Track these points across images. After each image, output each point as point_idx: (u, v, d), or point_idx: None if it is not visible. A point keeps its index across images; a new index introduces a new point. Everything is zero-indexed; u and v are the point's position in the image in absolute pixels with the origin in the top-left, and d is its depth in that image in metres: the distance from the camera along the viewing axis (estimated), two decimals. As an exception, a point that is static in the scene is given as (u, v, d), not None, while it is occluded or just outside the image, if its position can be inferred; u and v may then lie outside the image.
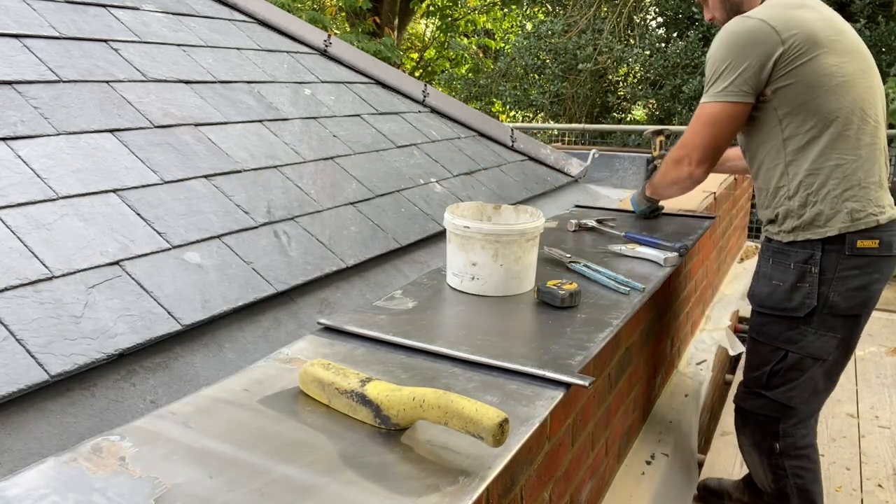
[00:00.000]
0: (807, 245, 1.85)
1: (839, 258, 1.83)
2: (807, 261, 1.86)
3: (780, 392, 1.96)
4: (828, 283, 1.84)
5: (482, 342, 1.26)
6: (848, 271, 1.83)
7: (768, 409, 2.00)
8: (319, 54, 2.82)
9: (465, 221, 1.53)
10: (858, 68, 1.84)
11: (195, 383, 1.20)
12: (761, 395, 2.00)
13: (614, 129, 8.62)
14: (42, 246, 1.27)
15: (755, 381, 2.01)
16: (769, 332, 1.95)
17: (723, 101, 1.83)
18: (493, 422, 0.85)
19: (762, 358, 1.98)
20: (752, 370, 2.03)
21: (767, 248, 1.97)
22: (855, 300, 1.85)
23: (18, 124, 1.54)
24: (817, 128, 1.81)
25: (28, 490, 0.79)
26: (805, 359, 1.91)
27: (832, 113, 1.80)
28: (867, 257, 1.83)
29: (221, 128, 1.95)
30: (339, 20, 12.81)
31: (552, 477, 1.35)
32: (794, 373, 1.93)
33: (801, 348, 1.90)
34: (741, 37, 1.81)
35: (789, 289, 1.88)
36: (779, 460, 2.01)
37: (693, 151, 1.92)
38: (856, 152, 1.81)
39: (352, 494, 0.81)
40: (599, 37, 9.13)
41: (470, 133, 2.93)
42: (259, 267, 1.51)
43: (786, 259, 1.90)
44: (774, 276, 1.92)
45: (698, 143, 1.90)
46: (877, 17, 7.35)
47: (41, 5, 2.01)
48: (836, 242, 1.82)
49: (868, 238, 1.82)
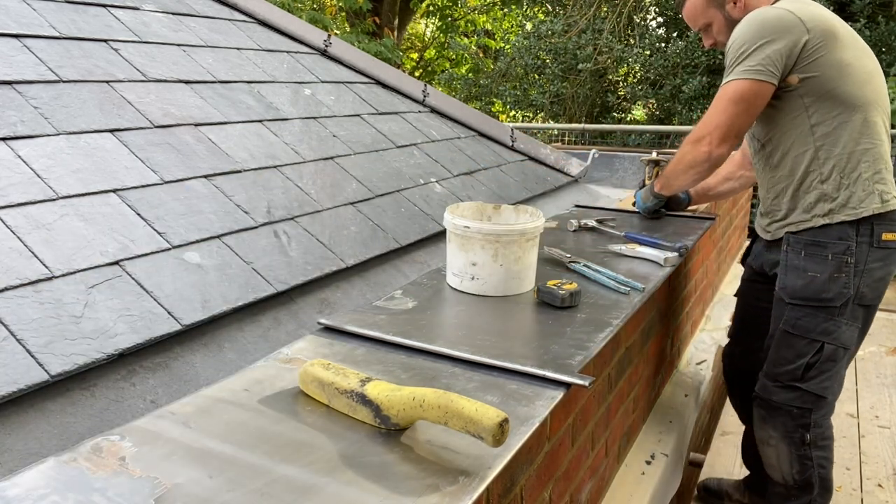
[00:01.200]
0: (843, 235, 1.89)
1: (868, 250, 1.89)
2: (844, 252, 1.89)
3: (815, 383, 1.97)
4: (859, 275, 1.89)
5: (482, 342, 1.26)
6: (874, 263, 1.89)
7: (801, 401, 2.00)
8: (319, 54, 2.82)
9: (465, 221, 1.53)
10: (873, 65, 1.92)
11: (195, 383, 1.20)
12: (795, 388, 2.00)
13: (614, 129, 8.62)
14: (42, 246, 1.27)
15: (788, 375, 2.01)
16: (806, 325, 1.96)
17: (751, 79, 1.83)
18: (493, 422, 0.85)
19: (798, 351, 1.98)
20: (785, 364, 2.01)
21: (797, 241, 1.96)
22: (878, 291, 1.93)
23: (18, 124, 1.54)
24: (845, 113, 1.85)
25: (28, 490, 0.79)
26: (838, 349, 1.95)
27: (857, 99, 1.85)
28: (889, 249, 1.90)
29: (221, 128, 1.95)
30: (339, 20, 12.81)
31: (552, 477, 1.35)
32: (829, 364, 1.96)
33: (836, 339, 1.93)
34: (769, 21, 1.84)
35: (827, 280, 1.91)
36: (808, 451, 2.02)
37: (715, 130, 1.89)
38: (880, 137, 1.90)
39: (352, 494, 0.81)
40: (599, 37, 9.13)
41: (470, 133, 2.93)
42: (259, 267, 1.51)
43: (822, 251, 1.92)
44: (809, 268, 1.94)
45: (722, 121, 1.87)
46: (877, 17, 7.35)
47: (41, 5, 2.01)
48: (866, 235, 1.88)
49: (891, 231, 1.89)
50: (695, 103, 8.35)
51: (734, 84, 1.86)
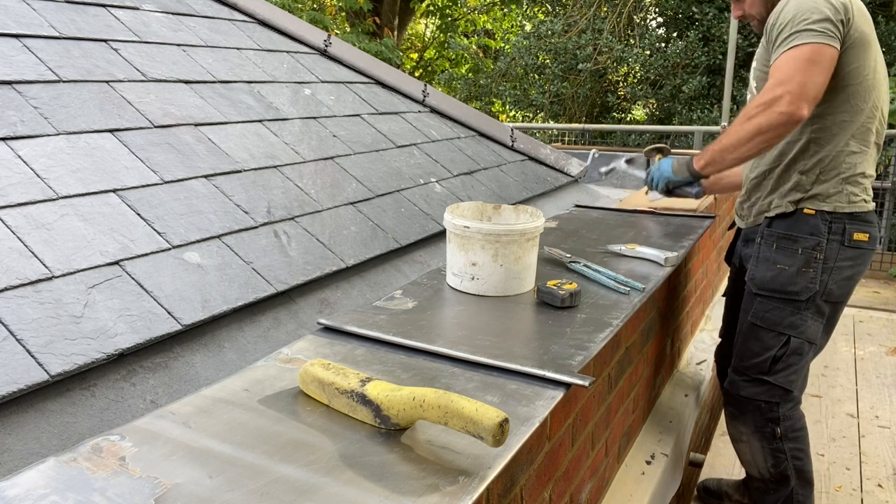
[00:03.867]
0: (815, 231, 1.92)
1: (839, 248, 1.92)
2: (814, 247, 1.93)
3: (782, 376, 2.00)
4: (828, 272, 1.93)
5: (482, 342, 1.26)
6: (844, 261, 1.93)
7: (769, 394, 2.03)
8: (319, 54, 2.82)
9: (464, 221, 1.53)
10: (884, 71, 1.92)
11: (195, 383, 1.20)
12: (763, 382, 2.03)
13: (614, 129, 8.62)
14: (42, 246, 1.27)
15: (756, 368, 2.04)
16: (773, 317, 1.99)
17: (824, 43, 1.74)
18: (493, 422, 0.85)
19: (765, 343, 2.01)
20: (753, 356, 2.04)
21: (770, 234, 2.00)
22: (845, 289, 1.97)
23: (18, 124, 1.54)
24: (847, 114, 1.87)
25: (28, 490, 0.79)
26: (804, 343, 1.99)
27: (864, 102, 1.87)
28: (860, 249, 1.94)
29: (221, 128, 1.95)
30: (339, 20, 12.82)
31: (552, 477, 1.35)
32: (794, 357, 1.99)
33: (802, 333, 1.97)
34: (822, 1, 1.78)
35: (795, 273, 1.94)
36: (780, 444, 2.05)
37: (797, 88, 1.73)
38: (872, 143, 1.92)
39: (352, 494, 0.81)
40: (599, 37, 9.13)
41: (470, 133, 2.93)
42: (259, 267, 1.51)
43: (793, 244, 1.95)
44: (779, 261, 1.97)
45: (803, 80, 1.73)
46: (877, 17, 7.36)
47: (41, 5, 2.01)
48: (837, 233, 1.91)
49: (862, 231, 1.92)
50: (695, 103, 8.36)
51: (809, 47, 1.74)
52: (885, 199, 6.26)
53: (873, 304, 4.93)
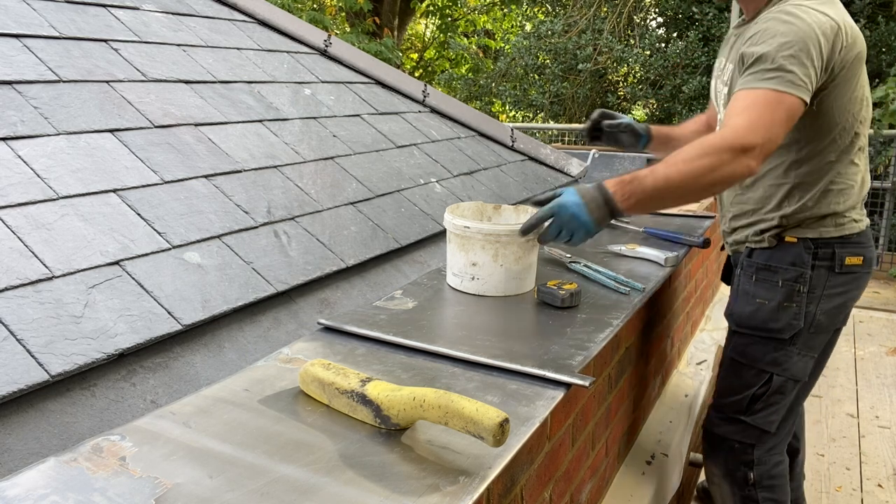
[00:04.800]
0: (797, 260, 1.75)
1: (828, 275, 1.75)
2: (797, 279, 1.76)
3: (761, 417, 1.84)
4: (815, 302, 1.76)
5: (482, 342, 1.26)
6: (834, 289, 1.76)
7: (743, 434, 1.88)
8: (319, 54, 2.82)
9: (465, 221, 1.53)
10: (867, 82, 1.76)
11: (195, 383, 1.20)
12: (739, 421, 1.88)
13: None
14: (42, 246, 1.27)
15: (733, 406, 1.88)
16: (753, 353, 1.83)
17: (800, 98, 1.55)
18: (493, 422, 0.85)
19: (744, 381, 1.85)
20: (731, 394, 1.89)
21: (749, 265, 1.84)
22: (837, 317, 1.80)
23: (18, 124, 1.54)
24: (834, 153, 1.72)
25: (28, 490, 0.79)
26: (788, 381, 1.81)
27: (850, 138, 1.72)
28: (852, 274, 1.77)
29: (221, 128, 1.95)
30: (339, 20, 12.82)
31: (552, 477, 1.35)
32: (777, 396, 1.82)
33: (786, 370, 1.80)
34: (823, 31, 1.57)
35: (776, 308, 1.77)
36: (752, 492, 1.90)
37: (766, 144, 1.53)
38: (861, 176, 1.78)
39: (352, 494, 0.81)
40: (599, 37, 9.13)
41: (470, 133, 2.93)
42: (259, 267, 1.51)
43: (772, 276, 1.78)
44: (759, 295, 1.80)
45: (773, 136, 1.54)
46: (877, 17, 7.35)
47: (41, 5, 2.01)
48: (825, 259, 1.75)
49: (854, 255, 1.76)
50: (695, 103, 8.35)
51: (786, 98, 1.54)
52: (885, 199, 6.26)
53: (873, 304, 4.94)
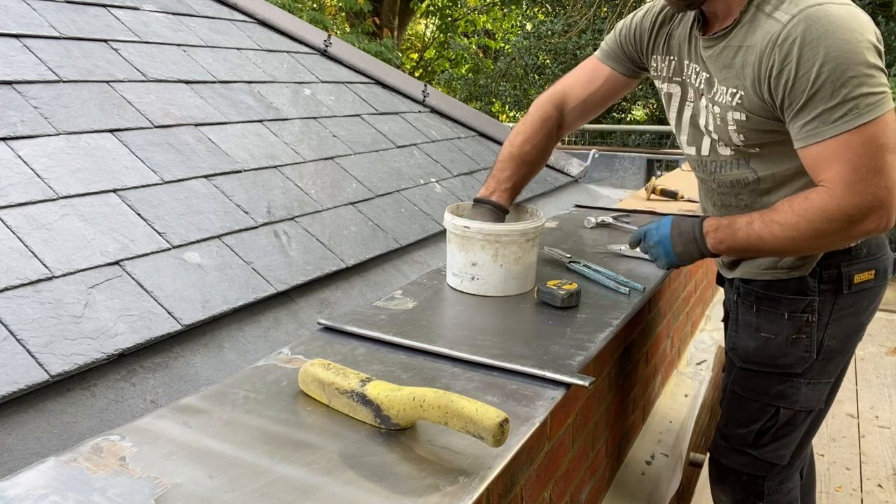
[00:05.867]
0: (801, 288, 1.55)
1: (835, 298, 1.55)
2: (804, 309, 1.56)
3: (769, 451, 1.71)
4: (823, 328, 1.57)
5: (482, 342, 1.26)
6: (843, 310, 1.57)
7: (753, 467, 1.74)
8: (319, 54, 2.82)
9: (465, 221, 1.53)
10: None
11: (195, 383, 1.20)
12: (746, 454, 1.74)
13: (614, 129, 8.62)
14: (42, 246, 1.27)
15: (739, 439, 1.74)
16: (756, 387, 1.67)
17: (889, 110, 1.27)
18: (493, 422, 0.85)
19: (749, 415, 1.71)
20: (736, 427, 1.74)
21: (748, 293, 1.64)
22: (850, 339, 1.61)
23: (18, 124, 1.54)
24: None
25: (28, 490, 0.79)
26: (798, 413, 1.65)
27: None
28: (864, 291, 1.58)
29: (221, 128, 1.95)
30: (339, 20, 12.82)
31: (552, 477, 1.35)
32: (785, 429, 1.67)
33: (794, 403, 1.64)
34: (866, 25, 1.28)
35: (784, 342, 1.59)
36: None
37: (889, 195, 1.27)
38: None
39: (352, 494, 0.81)
40: (599, 37, 9.13)
41: (470, 133, 2.93)
42: (259, 267, 1.51)
43: (776, 307, 1.59)
44: (763, 328, 1.62)
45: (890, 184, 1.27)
46: (877, 17, 7.36)
47: (41, 5, 2.01)
48: (831, 281, 1.54)
49: (864, 270, 1.55)
50: (695, 103, 8.34)
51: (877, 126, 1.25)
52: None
53: (873, 305, 4.92)
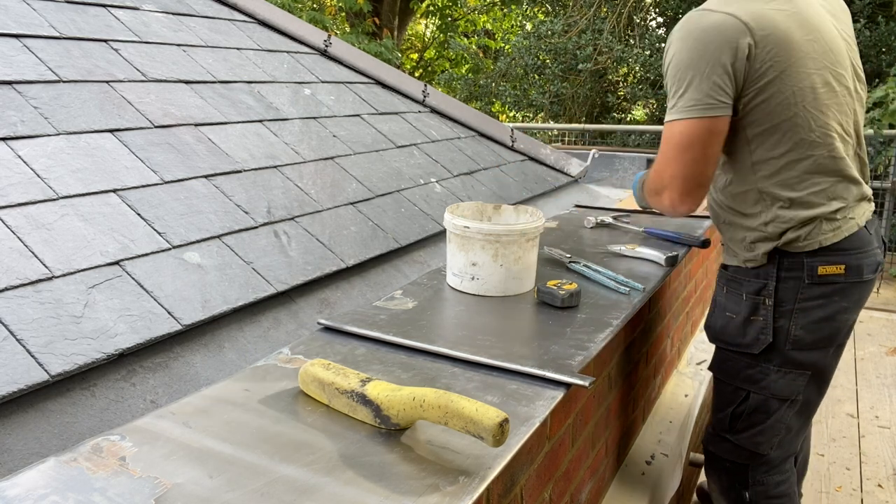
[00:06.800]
0: (760, 273, 1.63)
1: (798, 286, 1.60)
2: (759, 291, 1.63)
3: (746, 437, 1.74)
4: (787, 316, 1.62)
5: (482, 342, 1.26)
6: (810, 301, 1.60)
7: (735, 454, 1.79)
8: (319, 54, 2.82)
9: (465, 221, 1.53)
10: (839, 72, 1.59)
11: (195, 383, 1.20)
12: (727, 440, 1.79)
13: (614, 129, 8.63)
14: (42, 246, 1.27)
15: (720, 424, 1.80)
16: (728, 369, 1.74)
17: (696, 118, 1.51)
18: (493, 422, 0.85)
19: (725, 399, 1.77)
20: (717, 411, 1.81)
21: (722, 276, 1.76)
22: (821, 333, 1.63)
23: (18, 124, 1.54)
24: (794, 152, 1.56)
25: (28, 490, 0.79)
26: (770, 400, 1.69)
27: (814, 132, 1.55)
28: (832, 285, 1.60)
29: (221, 128, 1.95)
30: (339, 20, 12.83)
31: (552, 477, 1.35)
32: (758, 416, 1.71)
33: (764, 389, 1.68)
34: (707, 33, 1.49)
35: (742, 322, 1.67)
36: None
37: (672, 182, 1.58)
38: (842, 173, 1.60)
39: (352, 494, 0.81)
40: (599, 37, 9.14)
41: (470, 133, 2.93)
42: (259, 267, 1.51)
43: (738, 288, 1.68)
44: (728, 307, 1.71)
45: (676, 172, 1.57)
46: (877, 17, 7.35)
47: (41, 5, 2.01)
48: (795, 269, 1.60)
49: (832, 263, 1.58)
50: (695, 103, 8.34)
51: (679, 125, 1.53)
52: (885, 199, 6.25)
53: (873, 304, 4.94)
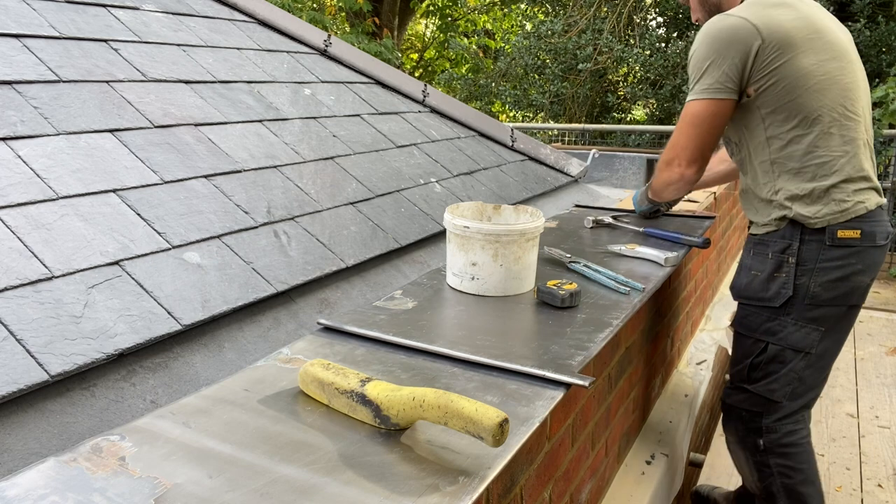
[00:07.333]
0: (786, 235, 1.88)
1: (820, 248, 1.84)
2: (784, 250, 1.88)
3: (762, 385, 1.96)
4: (808, 274, 1.86)
5: (482, 342, 1.26)
6: (829, 262, 1.84)
7: (750, 403, 2.00)
8: (319, 54, 2.82)
9: (464, 221, 1.53)
10: (838, 65, 1.85)
11: (195, 383, 1.20)
12: (744, 390, 2.01)
13: (614, 129, 8.62)
14: (42, 246, 1.27)
15: (738, 375, 2.02)
16: (749, 323, 1.97)
17: (706, 99, 1.85)
18: (493, 422, 0.85)
19: (744, 350, 1.99)
20: (736, 364, 2.04)
21: (749, 241, 2.01)
22: (837, 291, 1.86)
23: (18, 124, 1.54)
24: (800, 127, 1.83)
25: (28, 490, 0.79)
26: (785, 350, 1.91)
27: (813, 112, 1.82)
28: (849, 248, 1.84)
29: (221, 128, 1.95)
30: (339, 20, 12.82)
31: (552, 477, 1.35)
32: (774, 365, 1.94)
33: (782, 339, 1.91)
34: (723, 33, 1.83)
35: (766, 279, 1.91)
36: (763, 457, 1.99)
37: (682, 152, 1.92)
38: (842, 148, 1.83)
39: (352, 494, 0.81)
40: (599, 37, 9.13)
41: (470, 133, 2.93)
42: (259, 267, 1.51)
43: (764, 249, 1.93)
44: (753, 267, 1.95)
45: (685, 143, 1.91)
46: (877, 17, 7.35)
47: (41, 5, 2.01)
48: (817, 233, 1.84)
49: (849, 228, 1.83)
50: (695, 103, 8.33)
51: (692, 106, 1.88)
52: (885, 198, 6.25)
53: (873, 304, 4.94)
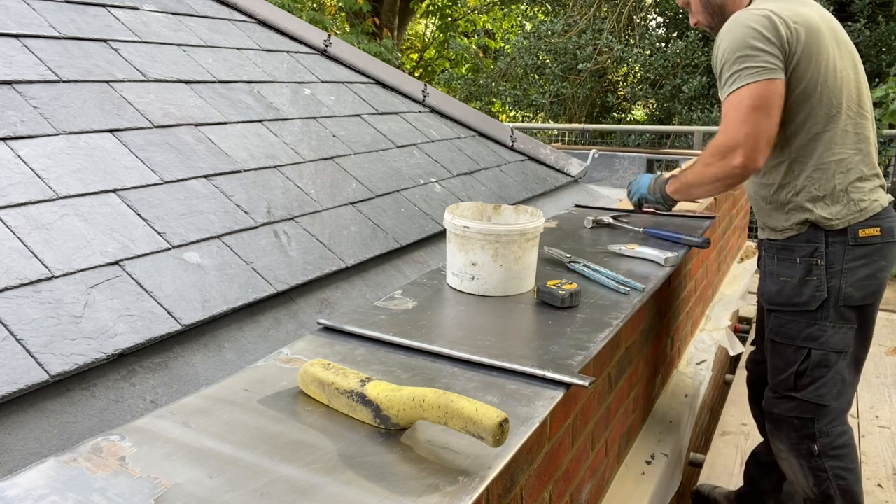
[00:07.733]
0: (810, 237, 1.87)
1: (845, 249, 1.85)
2: (812, 254, 1.87)
3: (810, 392, 1.93)
4: (838, 276, 1.86)
5: (482, 342, 1.26)
6: (855, 261, 1.85)
7: (800, 410, 1.96)
8: (319, 54, 2.82)
9: (464, 221, 1.53)
10: (851, 63, 1.88)
11: (195, 383, 1.20)
12: (792, 398, 1.96)
13: (614, 129, 8.63)
14: (42, 246, 1.27)
15: (783, 385, 1.97)
16: (788, 332, 1.94)
17: (763, 80, 1.74)
18: (493, 422, 0.85)
19: (786, 359, 1.95)
20: (778, 373, 1.98)
21: (771, 247, 1.97)
22: (867, 289, 1.87)
23: (18, 124, 1.54)
24: (820, 123, 1.82)
25: (28, 490, 0.79)
26: (829, 354, 1.90)
27: (833, 108, 1.82)
28: (871, 245, 1.85)
29: (221, 128, 1.95)
30: (339, 20, 12.82)
31: (552, 477, 1.35)
32: (820, 370, 1.91)
33: (824, 344, 1.89)
34: (759, 23, 1.77)
35: (798, 284, 1.89)
36: (819, 462, 1.96)
37: (746, 140, 1.75)
38: (857, 146, 1.85)
39: (352, 494, 0.81)
40: (599, 37, 9.13)
41: (470, 133, 2.93)
42: (259, 267, 1.51)
43: (791, 255, 1.91)
44: (782, 273, 1.93)
45: (750, 129, 1.75)
46: (877, 17, 7.35)
47: (41, 5, 2.01)
48: (840, 234, 1.84)
49: (869, 227, 1.84)
50: (695, 103, 8.35)
51: (749, 89, 1.75)
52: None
53: (873, 304, 4.91)
